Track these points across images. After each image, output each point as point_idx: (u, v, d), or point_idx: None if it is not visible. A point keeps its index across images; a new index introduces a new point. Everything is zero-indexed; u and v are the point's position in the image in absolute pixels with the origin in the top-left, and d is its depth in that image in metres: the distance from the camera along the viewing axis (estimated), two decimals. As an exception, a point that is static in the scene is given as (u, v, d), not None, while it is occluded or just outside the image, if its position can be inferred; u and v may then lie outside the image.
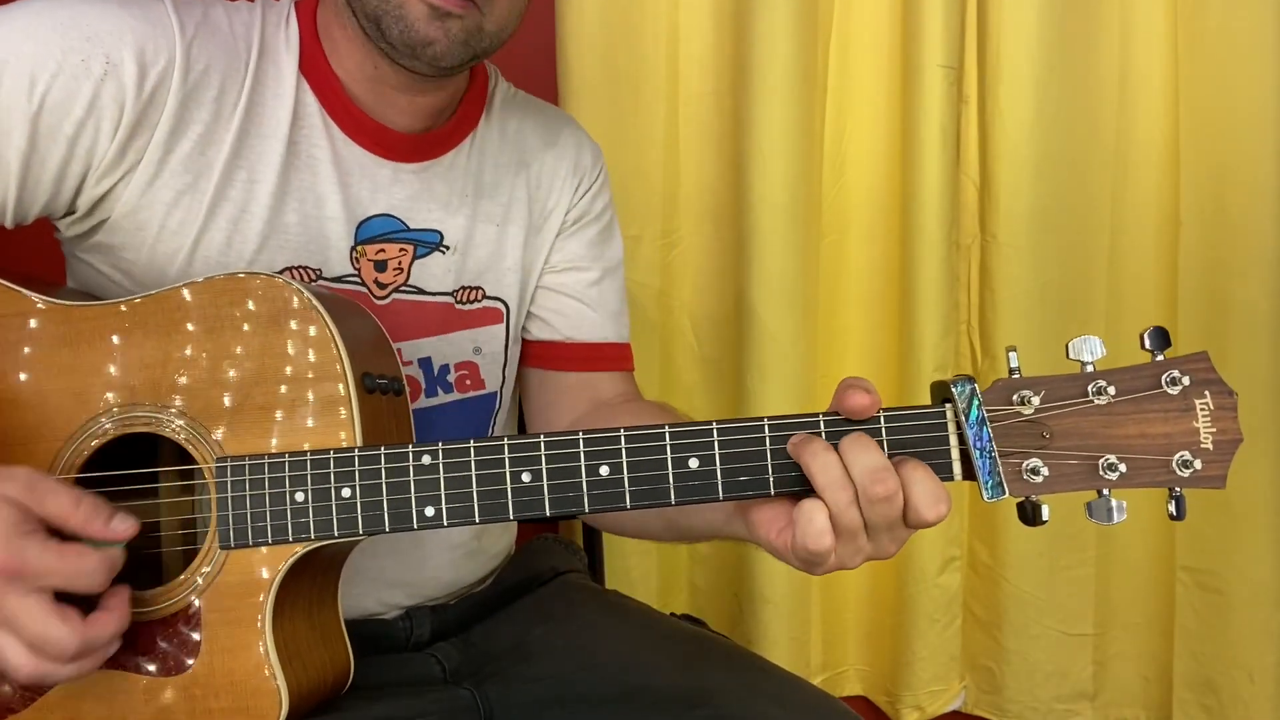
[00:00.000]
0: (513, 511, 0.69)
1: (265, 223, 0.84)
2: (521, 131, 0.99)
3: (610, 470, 0.68)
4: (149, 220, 0.81)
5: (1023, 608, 1.52)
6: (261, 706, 0.71)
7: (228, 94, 0.83)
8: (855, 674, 1.63)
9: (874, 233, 1.53)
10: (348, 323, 0.75)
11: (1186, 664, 1.48)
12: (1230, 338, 1.40)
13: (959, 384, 0.66)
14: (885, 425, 0.66)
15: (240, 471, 0.71)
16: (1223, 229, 1.41)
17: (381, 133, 0.89)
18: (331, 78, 0.87)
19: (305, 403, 0.73)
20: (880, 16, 1.49)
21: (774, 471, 0.67)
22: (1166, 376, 0.65)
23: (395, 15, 0.79)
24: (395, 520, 0.70)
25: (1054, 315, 1.47)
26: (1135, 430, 0.65)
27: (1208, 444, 0.65)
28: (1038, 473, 0.65)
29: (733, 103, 1.48)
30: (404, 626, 0.94)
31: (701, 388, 1.53)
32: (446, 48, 0.80)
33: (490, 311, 0.95)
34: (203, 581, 0.72)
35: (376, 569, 0.91)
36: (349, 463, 0.70)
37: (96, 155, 0.78)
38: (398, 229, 0.90)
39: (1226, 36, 1.39)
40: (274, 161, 0.84)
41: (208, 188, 0.82)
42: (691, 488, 0.68)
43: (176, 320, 0.74)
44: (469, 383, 0.95)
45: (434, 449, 0.69)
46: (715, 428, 0.68)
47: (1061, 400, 0.65)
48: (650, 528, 0.89)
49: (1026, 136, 1.44)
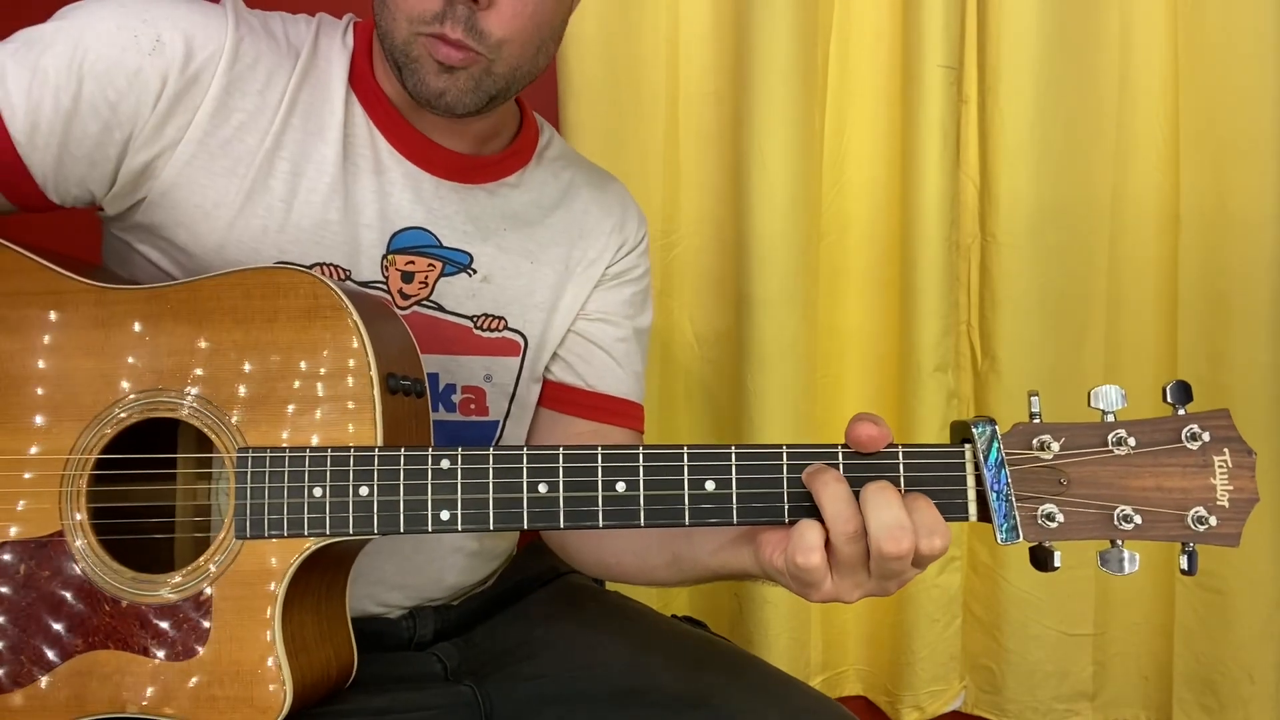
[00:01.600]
0: (527, 522, 0.69)
1: (303, 216, 0.86)
2: (573, 182, 1.01)
3: (627, 487, 0.68)
4: (186, 199, 0.83)
5: (1023, 608, 1.52)
6: (266, 697, 0.72)
7: (273, 87, 0.85)
8: (855, 674, 1.63)
9: (874, 233, 1.53)
10: (376, 322, 0.76)
11: (1186, 664, 1.48)
12: (1230, 338, 1.40)
13: (980, 425, 0.66)
14: (904, 461, 0.67)
15: (261, 463, 0.72)
16: (1223, 229, 1.41)
17: (428, 147, 0.91)
18: (380, 93, 0.90)
19: (329, 399, 0.74)
20: (880, 16, 1.49)
21: (789, 500, 0.68)
22: (1187, 431, 0.66)
23: (410, 69, 0.83)
24: (410, 522, 0.70)
25: (1054, 315, 1.46)
26: (1152, 483, 0.66)
27: (1224, 501, 0.65)
28: (1053, 519, 0.66)
29: (733, 103, 1.47)
30: (407, 626, 0.94)
31: (701, 388, 1.53)
32: (457, 97, 0.83)
33: (509, 343, 0.96)
34: (216, 569, 0.73)
35: (380, 570, 0.91)
36: (369, 462, 0.71)
37: (138, 124, 0.81)
38: (430, 244, 0.91)
39: (1226, 36, 1.39)
40: (317, 159, 0.86)
41: (248, 174, 0.84)
42: (706, 510, 0.68)
43: (207, 309, 0.75)
44: (473, 407, 0.95)
45: (453, 454, 0.70)
46: (734, 452, 0.68)
47: (1081, 448, 0.66)
48: (651, 562, 0.88)
49: (1026, 136, 1.44)
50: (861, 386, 1.56)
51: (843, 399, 1.57)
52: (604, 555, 0.94)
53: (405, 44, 0.82)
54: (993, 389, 1.49)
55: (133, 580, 0.74)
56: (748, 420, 1.49)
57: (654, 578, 0.90)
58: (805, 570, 0.65)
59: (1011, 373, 1.47)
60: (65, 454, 0.75)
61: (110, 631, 0.74)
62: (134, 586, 0.74)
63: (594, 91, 1.47)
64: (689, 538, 0.79)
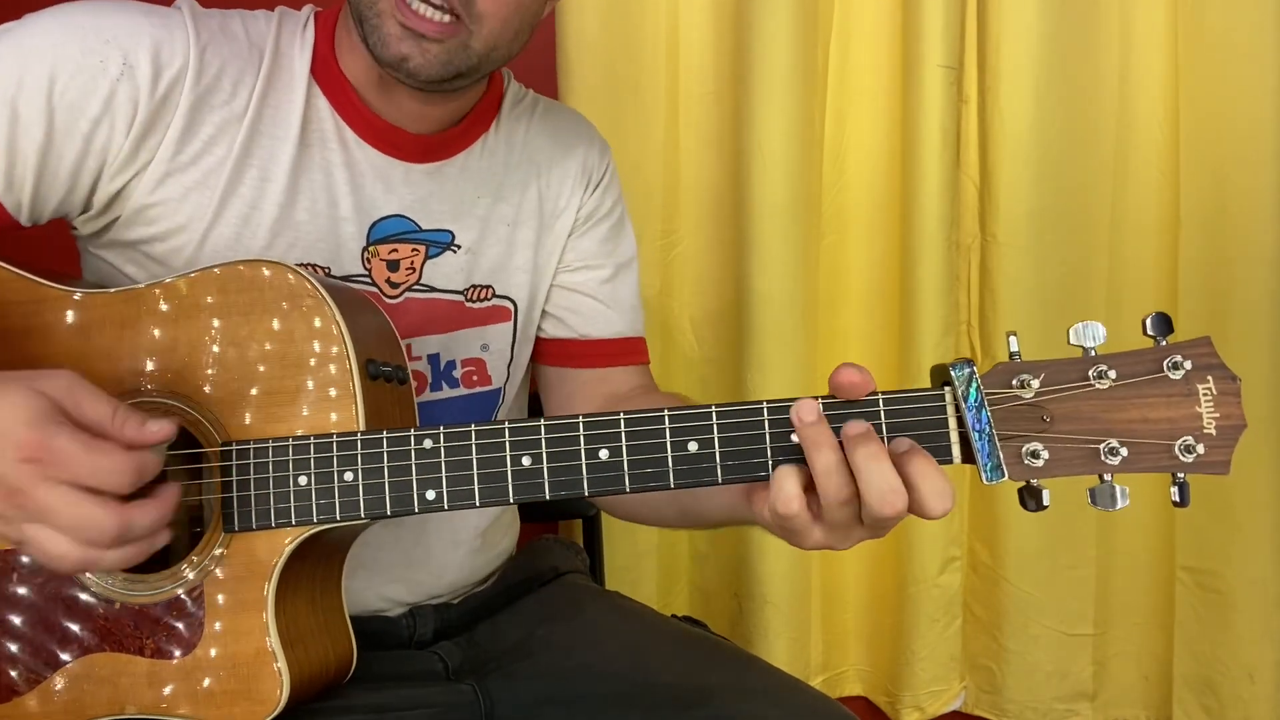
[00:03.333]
0: (512, 494, 0.69)
1: (275, 219, 0.85)
2: (531, 133, 0.99)
3: (610, 454, 0.68)
4: (160, 216, 0.83)
5: (1023, 608, 1.52)
6: (263, 690, 0.72)
7: (239, 95, 0.84)
8: (855, 674, 1.63)
9: (874, 232, 1.53)
10: (352, 310, 0.76)
11: (1186, 664, 1.48)
12: (1230, 337, 1.40)
13: (958, 367, 0.66)
14: (884, 409, 0.67)
15: (245, 455, 0.72)
16: (1223, 229, 1.41)
17: (393, 133, 0.89)
18: (343, 81, 0.88)
19: (309, 388, 0.73)
20: (880, 16, 1.49)
21: (772, 455, 0.67)
22: (1169, 361, 0.65)
23: (374, 27, 0.80)
24: (397, 503, 0.70)
25: (1054, 315, 1.47)
26: (1137, 415, 0.64)
27: (1210, 429, 0.64)
28: (1038, 456, 0.64)
29: (733, 103, 1.48)
30: (407, 624, 0.94)
31: (701, 387, 1.53)
32: (422, 64, 0.80)
33: (499, 310, 0.96)
34: (208, 564, 0.73)
35: (380, 564, 0.91)
36: (351, 446, 0.71)
37: (111, 152, 0.80)
38: (410, 229, 0.91)
39: (1226, 36, 1.39)
40: (285, 161, 0.85)
41: (218, 184, 0.83)
42: (690, 471, 0.68)
43: (182, 307, 0.75)
44: (475, 378, 0.96)
45: (435, 433, 0.70)
46: (714, 410, 0.68)
47: (1061, 384, 0.65)
48: (664, 513, 0.90)
49: (1026, 136, 1.44)
50: (861, 386, 1.56)
51: (843, 399, 1.57)
52: (617, 509, 0.97)
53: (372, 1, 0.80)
54: (993, 389, 1.49)
55: (124, 581, 0.74)
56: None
57: (670, 525, 0.94)
58: (786, 518, 0.65)
59: (1011, 373, 1.47)
60: None
61: (105, 633, 0.73)
62: (126, 587, 0.74)
63: (594, 91, 1.47)
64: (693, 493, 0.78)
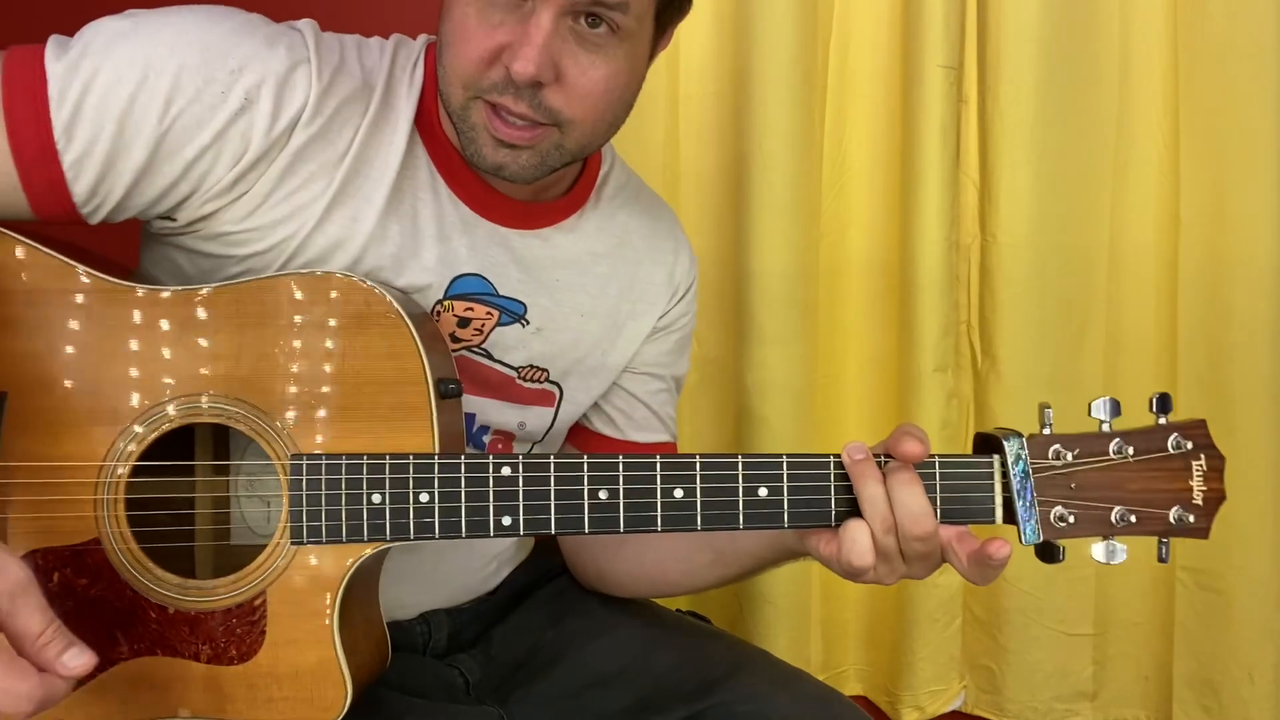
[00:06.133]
0: (589, 526, 0.73)
1: (354, 259, 0.83)
2: (627, 227, 0.97)
3: (684, 494, 0.73)
4: (243, 241, 0.81)
5: (1023, 608, 1.52)
6: (328, 697, 0.73)
7: (343, 135, 0.81)
8: (855, 674, 1.63)
9: (874, 233, 1.53)
10: (425, 329, 0.76)
11: (1186, 664, 1.48)
12: (1230, 338, 1.40)
13: (1010, 439, 0.75)
14: (940, 470, 0.75)
15: (316, 470, 0.73)
16: (1223, 229, 1.41)
17: (487, 194, 0.87)
18: (442, 136, 0.86)
19: (384, 406, 0.74)
20: (880, 16, 1.49)
21: (836, 506, 0.74)
22: (1173, 440, 0.76)
23: (469, 137, 0.80)
24: (472, 528, 0.73)
25: (1054, 315, 1.47)
26: (1145, 486, 0.76)
27: (1198, 500, 0.76)
28: (1064, 520, 0.75)
29: (733, 103, 1.48)
30: (421, 631, 0.94)
31: (701, 387, 1.53)
32: (517, 170, 0.80)
33: (546, 394, 0.95)
34: (270, 575, 0.73)
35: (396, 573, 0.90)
36: (429, 469, 0.72)
37: (209, 181, 0.78)
38: (488, 292, 0.89)
39: (1226, 37, 1.39)
40: (378, 203, 0.83)
41: (309, 220, 0.81)
42: (759, 515, 0.73)
43: (254, 313, 0.74)
44: (500, 447, 0.95)
45: (515, 461, 0.73)
46: (785, 460, 0.74)
47: (1090, 457, 0.76)
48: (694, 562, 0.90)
49: (1026, 136, 1.44)
50: (861, 386, 1.56)
51: (843, 398, 1.57)
52: (646, 566, 0.94)
53: (462, 109, 0.79)
54: (993, 389, 1.49)
55: (178, 587, 0.74)
56: (748, 419, 1.49)
57: (698, 579, 0.93)
58: (860, 570, 0.74)
59: (1011, 373, 1.47)
60: (99, 460, 0.73)
61: (158, 638, 0.73)
62: (180, 593, 0.73)
63: (594, 91, 1.46)
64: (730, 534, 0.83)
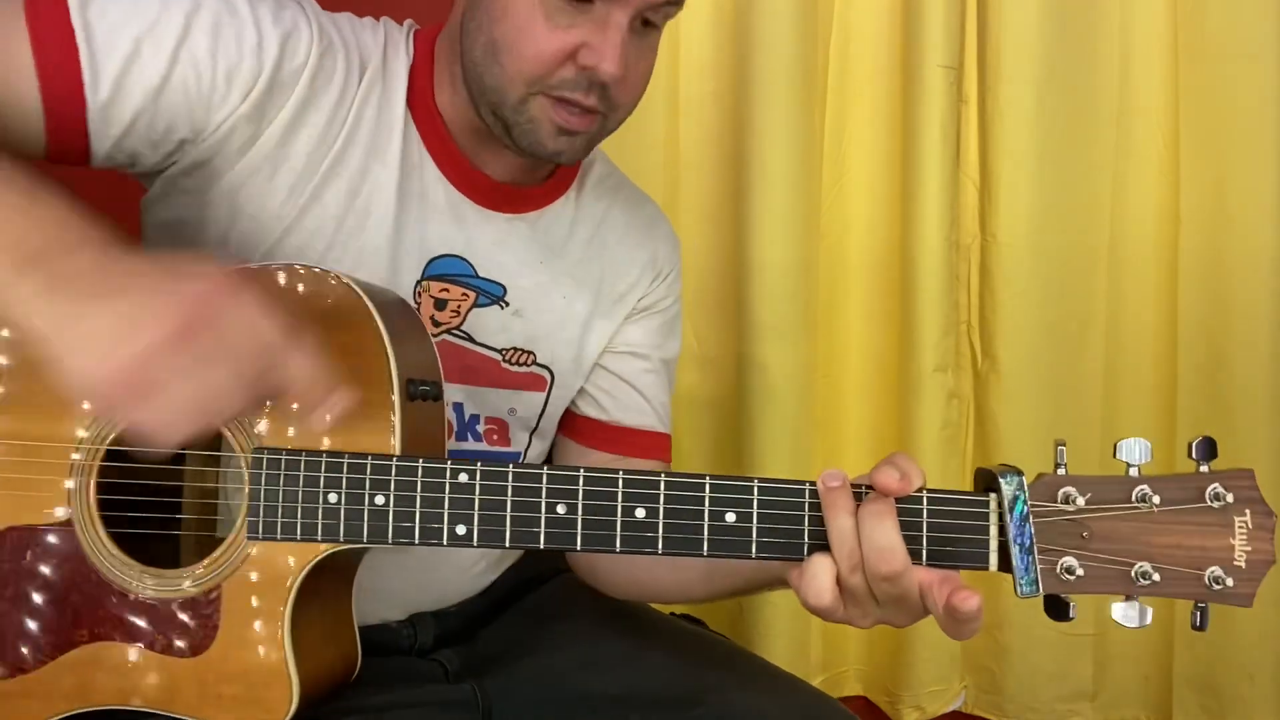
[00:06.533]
0: (544, 541, 0.69)
1: (354, 238, 0.84)
2: (610, 213, 0.98)
3: (646, 514, 0.68)
4: (242, 206, 0.82)
5: (1023, 608, 1.50)
6: (273, 699, 0.71)
7: (342, 104, 0.84)
8: (855, 674, 1.63)
9: (874, 232, 1.53)
10: (397, 325, 0.75)
11: (1186, 664, 1.48)
12: (1230, 338, 1.40)
13: (1008, 476, 0.65)
14: (927, 506, 0.66)
15: (276, 465, 0.71)
16: (1223, 228, 1.41)
17: (474, 176, 0.89)
18: (436, 116, 0.88)
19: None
20: (880, 16, 1.49)
21: (810, 538, 0.67)
22: (1211, 491, 0.65)
23: (526, 129, 0.82)
24: (425, 535, 0.69)
25: (1054, 315, 1.47)
26: (1173, 540, 0.65)
27: (1240, 562, 0.64)
28: (1072, 572, 0.65)
29: (733, 103, 1.48)
30: (407, 634, 0.94)
31: (701, 388, 1.53)
32: (572, 155, 0.85)
33: (535, 378, 0.95)
34: (227, 569, 0.72)
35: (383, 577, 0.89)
36: (385, 471, 0.70)
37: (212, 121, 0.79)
38: (465, 273, 0.89)
39: (1226, 36, 1.39)
40: (382, 187, 0.85)
41: (305, 189, 0.83)
42: (725, 542, 0.68)
43: None
44: (495, 438, 0.94)
45: (472, 468, 0.69)
46: (756, 484, 0.68)
47: (1106, 503, 0.65)
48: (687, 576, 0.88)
49: (1026, 136, 1.44)
50: (861, 385, 1.56)
51: (843, 398, 1.57)
52: (637, 571, 0.93)
53: (520, 103, 0.81)
54: (993, 389, 1.49)
55: (142, 574, 0.73)
56: (748, 419, 1.49)
57: (689, 592, 0.91)
58: (816, 610, 0.67)
59: (1011, 373, 1.47)
60: (74, 443, 0.74)
61: (117, 624, 0.73)
62: (143, 580, 0.73)
63: (594, 91, 1.46)
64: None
